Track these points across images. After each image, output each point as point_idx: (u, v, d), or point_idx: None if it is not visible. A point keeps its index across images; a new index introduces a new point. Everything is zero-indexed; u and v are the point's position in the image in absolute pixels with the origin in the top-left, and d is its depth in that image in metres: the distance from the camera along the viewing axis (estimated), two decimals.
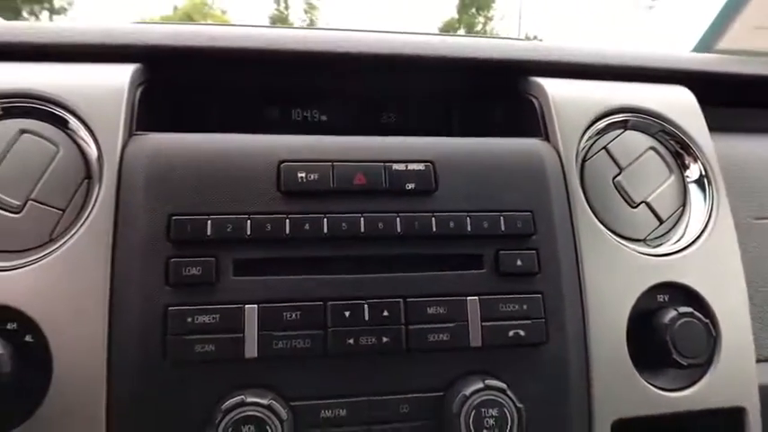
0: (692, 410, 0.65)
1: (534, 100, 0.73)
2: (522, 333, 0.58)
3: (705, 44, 0.97)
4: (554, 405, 0.59)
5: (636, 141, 0.73)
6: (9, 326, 0.54)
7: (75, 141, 0.60)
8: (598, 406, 0.61)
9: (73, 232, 0.56)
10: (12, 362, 0.51)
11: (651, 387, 0.63)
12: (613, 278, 0.64)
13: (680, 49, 0.97)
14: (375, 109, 0.83)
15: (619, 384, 0.62)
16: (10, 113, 0.60)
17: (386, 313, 0.56)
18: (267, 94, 0.80)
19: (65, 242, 0.56)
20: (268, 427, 0.50)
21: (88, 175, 0.60)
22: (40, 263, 0.55)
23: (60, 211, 0.58)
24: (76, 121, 0.60)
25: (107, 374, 0.53)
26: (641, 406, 0.63)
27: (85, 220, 0.56)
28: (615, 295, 0.64)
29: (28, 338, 0.54)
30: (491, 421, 0.53)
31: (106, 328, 0.54)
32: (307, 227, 0.57)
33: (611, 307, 0.64)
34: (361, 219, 0.58)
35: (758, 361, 0.69)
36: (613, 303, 0.64)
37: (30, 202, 0.58)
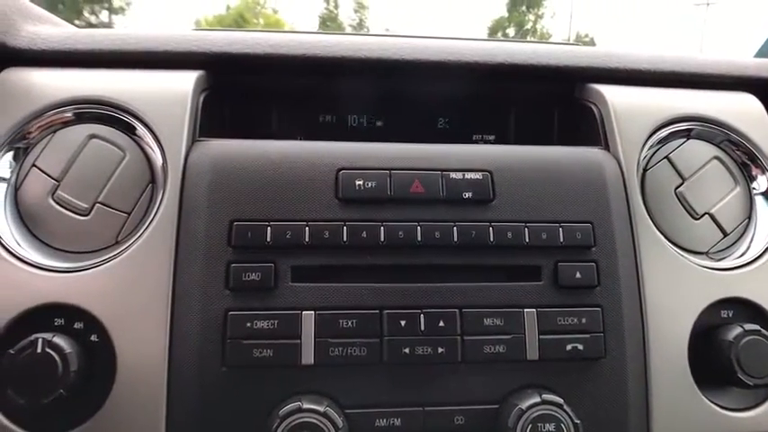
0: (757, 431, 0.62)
1: (593, 107, 0.72)
2: (580, 347, 0.57)
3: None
4: (611, 423, 0.58)
5: (699, 151, 0.71)
6: (76, 325, 0.56)
7: (140, 147, 0.62)
8: (657, 425, 0.60)
9: (138, 236, 0.58)
10: (78, 360, 0.53)
11: (714, 406, 0.62)
12: (675, 292, 0.63)
13: (743, 54, 0.94)
14: (431, 115, 0.82)
15: (679, 402, 0.61)
16: (81, 119, 0.63)
17: (442, 323, 0.56)
18: (324, 100, 0.81)
19: (130, 245, 0.58)
20: None
21: (152, 179, 0.62)
22: (105, 265, 0.57)
23: (126, 215, 0.60)
24: (143, 128, 0.62)
25: (167, 375, 0.55)
26: (703, 426, 0.61)
27: (150, 223, 0.58)
28: (677, 310, 0.62)
29: (93, 338, 0.56)
30: None
31: (168, 330, 0.55)
32: (364, 234, 0.57)
33: (673, 322, 0.62)
34: (418, 227, 0.58)
35: None
36: (675, 318, 0.62)
37: (97, 205, 0.60)
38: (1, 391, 0.53)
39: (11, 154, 0.61)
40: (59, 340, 0.53)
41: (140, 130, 0.62)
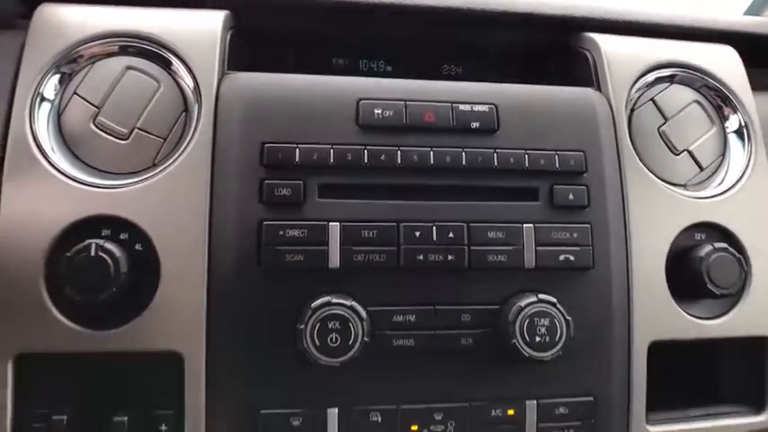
0: (722, 337, 0.71)
1: (587, 53, 0.79)
2: (571, 258, 0.65)
3: (756, 8, 1.01)
4: (598, 325, 0.66)
5: (681, 94, 0.78)
6: (122, 236, 0.62)
7: (174, 78, 0.68)
8: (637, 328, 0.68)
9: (175, 157, 0.64)
10: (127, 264, 0.60)
11: (686, 315, 0.70)
12: (655, 215, 0.70)
13: (732, 13, 1.01)
14: (437, 61, 0.89)
15: (657, 310, 0.69)
16: (119, 52, 0.68)
17: (451, 235, 0.63)
18: (337, 44, 0.86)
19: (168, 165, 0.63)
20: (350, 324, 0.58)
21: (185, 109, 0.67)
22: (148, 182, 0.63)
23: (162, 140, 0.66)
24: (177, 61, 0.67)
25: (207, 279, 0.61)
26: (676, 331, 0.69)
27: (186, 146, 0.64)
28: (656, 231, 0.70)
29: (138, 247, 0.62)
30: (543, 330, 0.60)
31: (206, 239, 0.62)
32: (383, 157, 0.64)
33: (653, 241, 0.70)
34: (431, 152, 0.65)
35: None
36: (654, 238, 0.70)
37: (135, 130, 0.65)
38: (59, 290, 0.59)
39: (57, 78, 0.66)
40: (110, 245, 0.59)
41: (174, 63, 0.68)
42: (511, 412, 0.63)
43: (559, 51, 0.85)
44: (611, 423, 0.66)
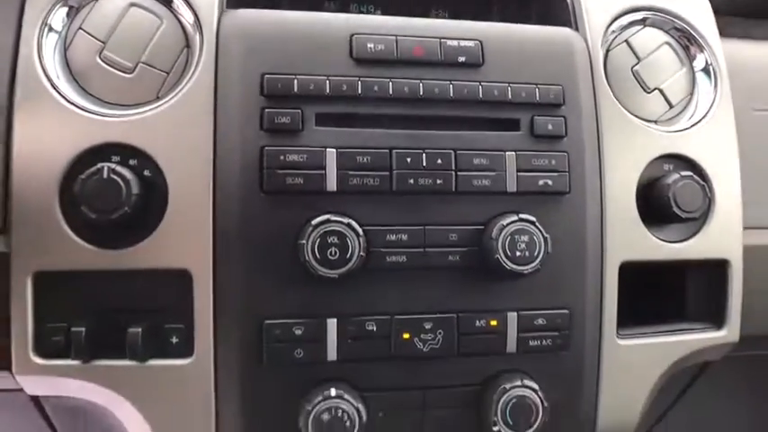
0: (687, 259, 0.78)
1: None
2: (549, 183, 0.70)
3: None
4: (573, 245, 0.72)
5: (653, 36, 0.83)
6: (131, 162, 0.66)
7: (175, 15, 0.71)
8: (609, 249, 0.74)
9: (179, 89, 0.68)
10: (138, 186, 0.64)
11: (654, 238, 0.76)
12: (627, 147, 0.76)
13: None
14: (425, 5, 0.92)
15: (627, 234, 0.75)
16: None
17: (440, 161, 0.68)
18: None
19: (173, 97, 0.67)
20: (348, 240, 0.63)
21: (187, 44, 0.71)
22: (155, 111, 0.66)
23: (165, 74, 0.69)
24: None
25: (213, 201, 0.66)
26: (645, 252, 0.76)
27: (190, 78, 0.68)
28: (628, 161, 0.76)
29: (146, 173, 0.66)
30: (523, 245, 0.66)
31: (211, 164, 0.66)
32: (375, 88, 0.68)
33: (624, 170, 0.76)
34: (420, 84, 0.69)
35: (744, 228, 0.82)
36: (626, 167, 0.76)
37: (140, 64, 0.69)
38: (73, 212, 0.63)
39: (64, 10, 0.69)
40: (121, 169, 0.63)
41: (175, 0, 0.71)
42: (494, 323, 0.69)
43: None
44: (584, 334, 0.73)
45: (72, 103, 0.66)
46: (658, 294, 0.83)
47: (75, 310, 0.65)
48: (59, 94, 0.66)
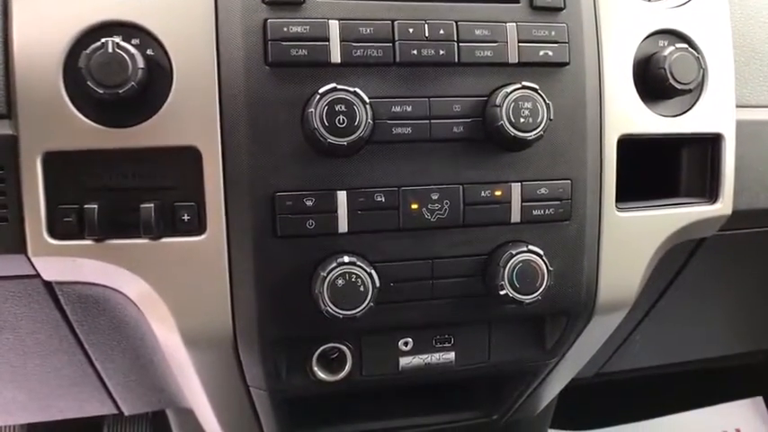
0: (682, 133, 0.80)
1: None
2: (550, 53, 0.71)
3: None
4: (573, 116, 0.73)
5: None
6: (133, 41, 0.65)
7: None
8: (608, 123, 0.75)
9: None
10: (143, 62, 0.63)
11: (651, 112, 0.78)
12: (623, 22, 0.77)
13: None
14: None
15: (625, 108, 0.77)
16: None
17: (442, 32, 0.68)
18: None
19: None
20: (355, 107, 0.63)
21: None
22: None
23: None
24: None
25: (218, 77, 0.65)
26: (642, 126, 0.77)
27: None
28: (624, 36, 0.77)
29: (149, 52, 0.65)
30: (526, 112, 0.67)
31: (215, 39, 0.65)
32: None
33: (621, 45, 0.77)
34: None
35: (736, 106, 0.83)
36: (623, 42, 0.77)
37: None
38: (80, 90, 0.63)
39: None
40: (124, 44, 0.62)
41: None
42: (498, 193, 0.71)
43: None
44: (585, 205, 0.75)
45: None
46: (653, 172, 0.85)
47: (85, 189, 0.65)
48: None
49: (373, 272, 0.66)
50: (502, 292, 0.69)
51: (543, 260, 0.70)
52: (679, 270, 0.98)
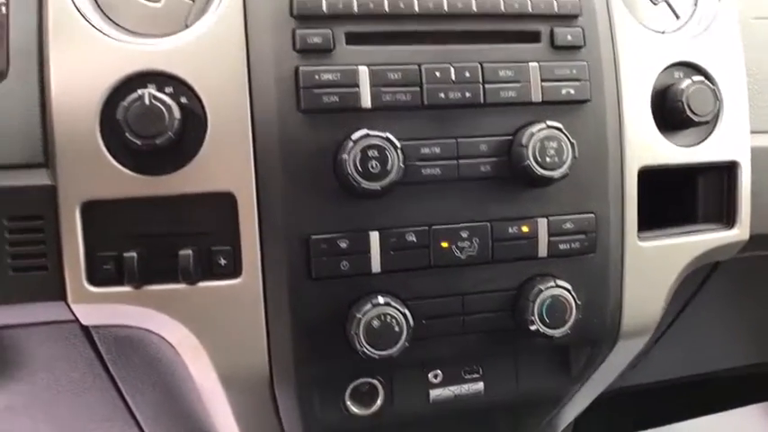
0: (700, 162, 0.81)
1: None
2: (572, 91, 0.73)
3: None
4: (595, 151, 0.75)
5: None
6: (166, 89, 0.67)
7: None
8: (628, 155, 0.77)
9: (209, 15, 0.68)
10: (179, 111, 0.65)
11: (669, 143, 0.80)
12: (640, 56, 0.79)
13: None
14: None
15: (644, 140, 0.78)
16: None
17: (468, 74, 0.70)
18: None
19: (203, 23, 0.68)
20: (387, 152, 0.65)
21: None
22: (187, 39, 0.67)
23: (191, 2, 0.70)
24: None
25: (251, 123, 0.67)
26: (661, 157, 0.79)
27: (219, 4, 0.68)
28: (642, 69, 0.79)
29: (183, 100, 0.67)
30: (552, 151, 0.69)
31: (247, 87, 0.67)
32: (401, 5, 0.69)
33: (639, 78, 0.78)
34: (444, 0, 0.71)
35: (751, 132, 0.86)
36: (640, 76, 0.79)
37: None
38: (116, 139, 0.64)
39: None
40: (160, 94, 0.64)
41: None
42: (525, 228, 0.72)
43: None
44: (609, 237, 0.76)
45: (105, 34, 0.66)
46: (669, 197, 0.87)
47: (123, 237, 0.67)
48: (91, 25, 0.66)
49: (407, 311, 0.68)
50: (532, 327, 0.71)
51: (571, 294, 0.72)
52: (696, 290, 1.00)
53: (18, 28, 0.68)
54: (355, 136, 0.65)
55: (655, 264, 0.81)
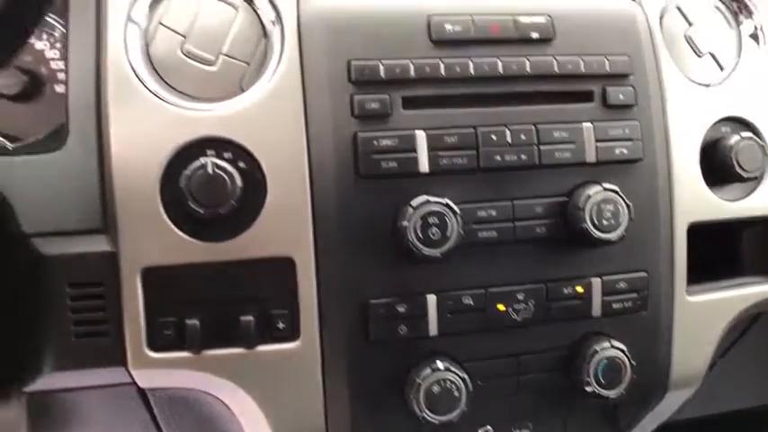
0: (748, 216, 0.82)
1: None
2: (625, 151, 0.73)
3: None
4: (647, 209, 0.75)
5: (703, 1, 0.86)
6: (226, 155, 0.67)
7: (250, 4, 0.71)
8: (678, 211, 0.78)
9: (266, 79, 0.68)
10: (240, 179, 0.65)
11: (717, 198, 0.80)
12: (689, 111, 0.79)
13: None
14: None
15: (693, 196, 0.79)
16: None
17: (523, 137, 0.70)
18: None
19: (261, 87, 0.68)
20: (447, 219, 0.65)
21: (264, 34, 0.71)
22: (245, 104, 0.67)
23: (246, 64, 0.70)
24: None
25: (310, 189, 0.67)
26: (710, 213, 0.80)
27: (276, 68, 0.68)
28: (690, 125, 0.79)
29: (241, 164, 0.67)
30: (609, 214, 0.69)
31: (306, 152, 0.67)
32: (457, 69, 0.70)
33: (688, 134, 0.79)
34: (499, 62, 0.71)
35: None
36: (689, 132, 0.79)
37: (221, 56, 0.69)
38: (175, 205, 0.64)
39: (147, 3, 0.68)
40: (223, 163, 0.64)
41: None
42: (580, 289, 0.73)
43: None
44: (660, 294, 0.77)
45: (162, 99, 0.66)
46: (718, 252, 0.87)
47: (183, 302, 0.67)
48: (149, 91, 0.66)
49: (466, 376, 0.68)
50: (588, 389, 0.71)
51: (626, 355, 0.72)
52: (741, 334, 1.01)
53: (76, 93, 0.69)
54: (415, 202, 0.65)
55: (703, 317, 0.81)
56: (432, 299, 0.69)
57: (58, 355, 0.66)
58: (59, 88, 0.82)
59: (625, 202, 0.70)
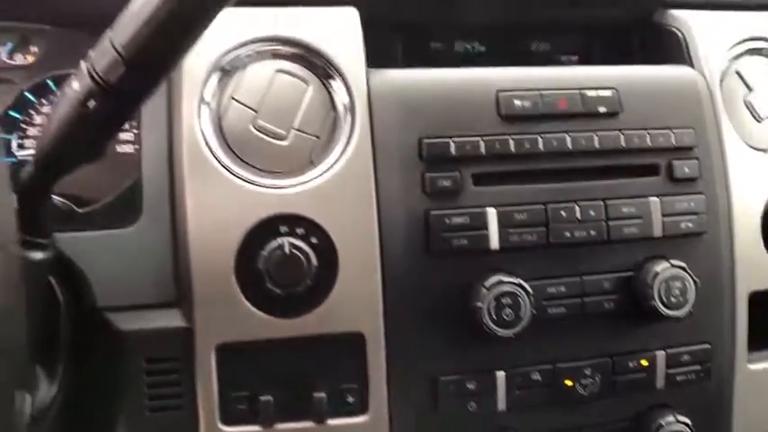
0: None
1: (677, 31, 0.85)
2: (690, 225, 0.74)
3: None
4: (712, 280, 0.75)
5: (760, 65, 0.86)
6: (298, 231, 0.67)
7: (320, 79, 0.72)
8: (739, 280, 0.78)
9: (338, 155, 0.69)
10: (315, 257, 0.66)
11: None
12: (750, 180, 0.79)
13: None
14: (526, 39, 0.93)
15: (754, 263, 0.79)
16: (268, 55, 0.71)
17: (592, 213, 0.71)
18: (434, 29, 0.90)
19: (333, 164, 0.68)
20: (520, 299, 0.66)
21: (333, 107, 0.72)
22: (317, 180, 0.68)
23: (316, 138, 0.70)
24: (324, 62, 0.71)
25: (381, 265, 0.68)
26: None
27: (348, 143, 0.69)
28: (752, 194, 0.79)
29: (313, 240, 0.68)
30: (677, 291, 0.70)
31: (377, 229, 0.68)
32: (527, 145, 0.70)
33: (750, 203, 0.79)
34: (567, 137, 0.71)
35: None
36: (751, 200, 0.79)
37: (292, 130, 0.70)
38: (250, 282, 0.65)
39: (217, 78, 0.69)
40: (299, 242, 0.65)
41: (320, 63, 0.72)
42: (644, 362, 0.73)
43: (642, 27, 0.91)
44: (722, 364, 0.77)
45: (237, 176, 0.67)
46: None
47: (256, 377, 0.67)
48: (223, 167, 0.67)
49: None
50: None
51: (690, 429, 0.72)
52: None
53: (150, 168, 0.70)
54: (488, 283, 0.66)
55: (764, 385, 0.81)
56: (501, 375, 0.70)
57: (132, 429, 0.67)
58: (121, 148, 0.83)
59: (692, 278, 0.70)
